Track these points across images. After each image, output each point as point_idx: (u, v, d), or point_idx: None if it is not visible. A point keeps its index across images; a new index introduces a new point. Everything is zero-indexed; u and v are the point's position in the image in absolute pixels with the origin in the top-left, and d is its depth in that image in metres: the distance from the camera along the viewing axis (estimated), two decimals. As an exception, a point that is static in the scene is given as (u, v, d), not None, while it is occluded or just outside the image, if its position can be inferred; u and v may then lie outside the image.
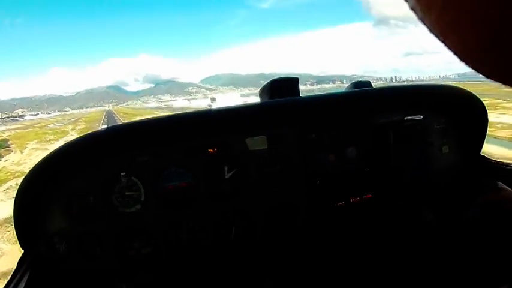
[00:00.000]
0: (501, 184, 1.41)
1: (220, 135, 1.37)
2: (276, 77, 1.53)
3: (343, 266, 1.46)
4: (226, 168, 1.40)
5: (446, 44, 0.23)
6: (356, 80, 1.77)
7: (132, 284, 1.35)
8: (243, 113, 1.41)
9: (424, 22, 0.23)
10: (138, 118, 1.55)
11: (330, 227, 1.51)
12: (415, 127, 1.54)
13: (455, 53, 0.23)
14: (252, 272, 1.43)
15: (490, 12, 0.18)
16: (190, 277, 1.39)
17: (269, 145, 1.42)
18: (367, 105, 1.53)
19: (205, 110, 1.41)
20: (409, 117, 1.53)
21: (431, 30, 0.23)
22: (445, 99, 1.58)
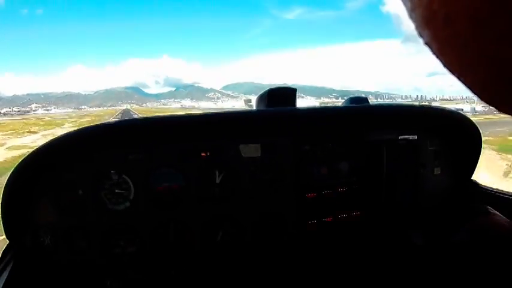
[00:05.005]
0: (491, 208, 1.38)
1: (214, 140, 1.38)
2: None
3: (327, 282, 1.46)
4: (217, 172, 1.40)
5: (460, 80, 0.23)
6: (380, 96, 1.76)
7: (116, 281, 1.34)
8: (239, 119, 1.41)
9: (438, 58, 0.23)
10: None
11: (318, 242, 1.50)
12: (408, 147, 1.54)
13: (470, 89, 0.23)
14: (236, 279, 1.43)
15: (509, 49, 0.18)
16: (173, 278, 1.39)
17: (262, 153, 1.42)
18: (362, 122, 1.53)
19: (201, 113, 1.41)
20: (403, 136, 1.54)
21: (446, 67, 0.23)
22: (440, 122, 1.58)
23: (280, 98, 1.51)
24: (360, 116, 1.53)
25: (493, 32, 0.18)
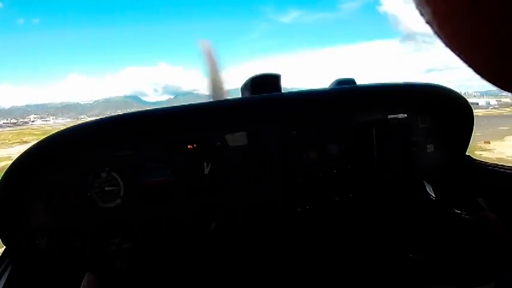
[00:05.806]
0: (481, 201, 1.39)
1: (200, 131, 1.37)
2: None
3: (322, 264, 1.45)
4: (205, 164, 1.39)
5: (461, 58, 0.23)
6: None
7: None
8: (223, 109, 1.41)
9: (439, 37, 0.23)
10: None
11: (310, 226, 1.48)
12: (398, 126, 1.51)
13: (472, 66, 0.23)
14: (230, 268, 1.43)
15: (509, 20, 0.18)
16: (169, 272, 1.40)
17: (249, 141, 1.41)
18: (349, 103, 1.51)
19: (186, 105, 1.40)
20: (393, 115, 1.50)
21: (447, 44, 0.23)
22: (430, 99, 1.55)
23: (264, 84, 1.49)
24: (347, 98, 1.50)
25: (491, 5, 0.18)
